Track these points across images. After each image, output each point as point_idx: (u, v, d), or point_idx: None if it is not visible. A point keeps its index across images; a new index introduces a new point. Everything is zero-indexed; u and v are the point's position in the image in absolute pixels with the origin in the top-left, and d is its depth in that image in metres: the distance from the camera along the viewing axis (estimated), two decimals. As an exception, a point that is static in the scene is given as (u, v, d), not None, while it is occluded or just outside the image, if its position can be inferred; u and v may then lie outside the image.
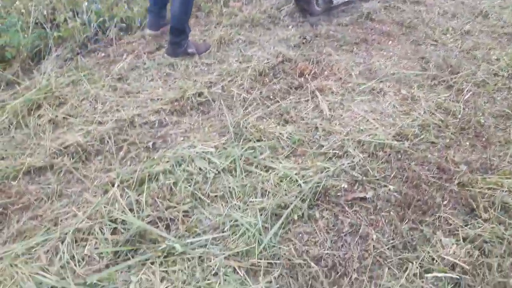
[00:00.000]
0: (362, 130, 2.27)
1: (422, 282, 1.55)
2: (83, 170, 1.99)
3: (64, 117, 2.29)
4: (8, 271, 1.50)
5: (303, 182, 1.89)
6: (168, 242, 1.61)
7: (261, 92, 2.56)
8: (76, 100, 2.43)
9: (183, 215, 1.75)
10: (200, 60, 2.93)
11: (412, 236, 1.72)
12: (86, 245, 1.62)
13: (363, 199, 1.86)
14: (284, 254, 1.61)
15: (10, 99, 2.41)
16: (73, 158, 2.03)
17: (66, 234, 1.63)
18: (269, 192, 1.85)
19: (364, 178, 1.94)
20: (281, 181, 1.91)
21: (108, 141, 2.13)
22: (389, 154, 2.11)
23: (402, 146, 2.16)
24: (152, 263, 1.55)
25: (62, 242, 1.61)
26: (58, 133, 2.19)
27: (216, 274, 1.52)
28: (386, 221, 1.77)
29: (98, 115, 2.32)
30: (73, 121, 2.28)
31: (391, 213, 1.80)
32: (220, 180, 1.92)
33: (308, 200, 1.81)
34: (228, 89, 2.59)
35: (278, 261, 1.58)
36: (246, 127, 2.24)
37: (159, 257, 1.57)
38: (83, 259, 1.57)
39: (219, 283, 1.47)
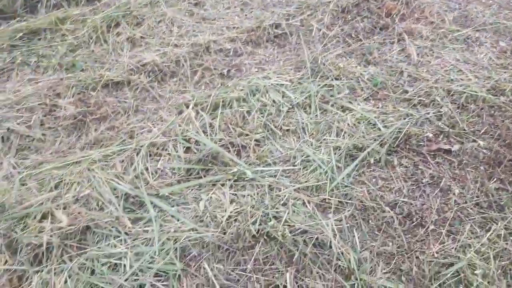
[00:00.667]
0: (452, 79, 2.05)
1: (506, 244, 1.42)
2: (158, 90, 1.99)
3: (141, 37, 2.28)
4: (85, 174, 1.57)
5: (382, 127, 1.76)
6: (239, 167, 1.58)
7: (342, 29, 2.38)
8: (153, 21, 2.40)
9: (255, 144, 1.71)
10: (279, -8, 2.75)
11: (499, 196, 1.56)
12: (159, 159, 1.64)
13: (447, 151, 1.70)
14: (357, 195, 1.53)
15: (90, 14, 2.43)
16: (149, 77, 2.03)
17: (141, 147, 1.66)
18: (345, 132, 1.75)
19: (450, 130, 1.77)
20: (358, 122, 1.80)
21: (183, 64, 2.10)
22: (482, 108, 1.90)
23: (497, 101, 1.93)
24: (223, 185, 1.54)
25: (137, 154, 1.64)
26: (135, 51, 2.19)
27: (285, 204, 1.48)
28: (472, 177, 1.62)
29: (174, 37, 2.28)
30: (149, 41, 2.26)
31: (478, 169, 1.64)
32: (293, 115, 1.85)
33: (387, 145, 1.69)
34: (307, 23, 2.43)
35: (350, 201, 1.51)
36: (324, 64, 2.10)
37: (229, 180, 1.55)
38: (156, 172, 1.60)
39: (288, 213, 1.44)
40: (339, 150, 1.67)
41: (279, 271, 1.30)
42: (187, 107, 1.85)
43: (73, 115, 1.81)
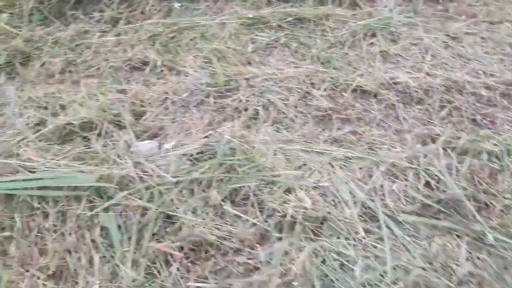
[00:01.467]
0: None
1: None
2: (402, 112, 1.98)
3: (395, 54, 2.29)
4: (326, 167, 1.64)
5: None
6: (481, 227, 1.47)
7: None
8: (407, 43, 2.40)
9: (501, 209, 1.56)
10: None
11: None
12: (395, 182, 1.63)
13: None
14: None
15: (351, 18, 2.54)
16: (397, 96, 2.03)
17: (382, 162, 1.67)
18: None
19: None
20: None
21: (432, 96, 2.04)
22: None
23: None
24: (459, 236, 1.46)
25: (377, 167, 1.65)
26: (386, 67, 2.21)
27: (526, 291, 1.32)
28: None
29: (427, 65, 2.23)
30: (402, 61, 2.26)
31: None
32: (549, 194, 1.63)
33: None
34: None
35: None
36: None
37: (467, 235, 1.46)
38: (389, 193, 1.59)
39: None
40: None
41: None
42: (433, 140, 1.79)
43: (323, 108, 1.92)
